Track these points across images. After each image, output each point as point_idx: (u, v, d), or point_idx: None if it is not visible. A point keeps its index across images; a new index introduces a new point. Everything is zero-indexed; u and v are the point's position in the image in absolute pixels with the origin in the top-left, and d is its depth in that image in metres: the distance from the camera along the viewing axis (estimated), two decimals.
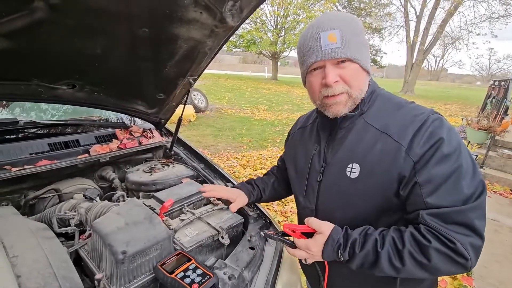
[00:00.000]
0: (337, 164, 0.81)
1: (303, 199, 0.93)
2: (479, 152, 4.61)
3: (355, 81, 0.75)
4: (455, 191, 0.65)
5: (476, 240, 0.64)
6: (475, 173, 0.67)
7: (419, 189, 0.67)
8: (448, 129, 0.69)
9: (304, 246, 0.79)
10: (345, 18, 0.74)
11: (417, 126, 0.70)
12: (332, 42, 0.70)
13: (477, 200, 0.64)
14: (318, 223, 0.80)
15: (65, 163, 1.27)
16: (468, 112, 11.50)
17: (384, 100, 0.80)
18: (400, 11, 21.88)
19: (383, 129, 0.74)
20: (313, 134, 0.93)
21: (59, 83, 1.19)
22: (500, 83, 5.98)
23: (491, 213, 3.36)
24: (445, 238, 0.64)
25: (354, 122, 0.80)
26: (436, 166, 0.66)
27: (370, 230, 0.74)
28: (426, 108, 0.75)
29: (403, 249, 0.67)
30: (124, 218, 0.98)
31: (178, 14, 1.04)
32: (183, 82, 1.45)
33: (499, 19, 14.77)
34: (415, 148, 0.68)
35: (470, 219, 0.63)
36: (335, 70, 0.73)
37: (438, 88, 28.74)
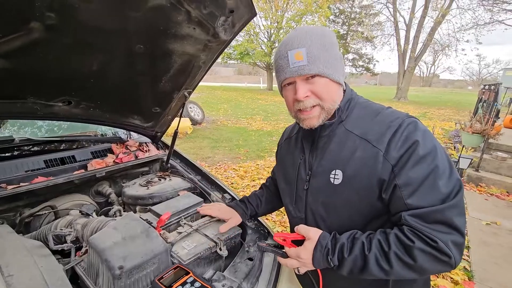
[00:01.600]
0: (321, 171, 0.83)
1: (292, 208, 0.95)
2: (474, 155, 4.65)
3: (326, 94, 0.78)
4: (433, 191, 0.67)
5: (457, 237, 0.66)
6: (451, 173, 0.69)
7: (399, 192, 0.70)
8: (423, 132, 0.72)
9: (294, 255, 0.81)
10: (314, 34, 0.76)
11: (392, 130, 0.73)
12: (299, 60, 0.74)
13: (454, 198, 0.67)
14: (306, 229, 0.81)
15: (61, 180, 1.27)
16: (461, 116, 11.66)
17: (362, 108, 0.83)
18: (390, 20, 22.49)
19: (363, 135, 0.77)
20: (298, 144, 0.96)
21: (55, 100, 1.20)
22: (490, 87, 6.11)
23: (490, 216, 3.37)
24: (427, 237, 0.65)
25: (335, 130, 0.83)
26: (413, 168, 0.69)
27: (358, 234, 0.75)
28: (401, 113, 0.78)
29: (389, 251, 0.68)
30: (121, 233, 0.97)
31: (172, 30, 1.08)
32: (178, 95, 1.47)
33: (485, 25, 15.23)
34: (392, 152, 0.71)
35: (449, 217, 0.65)
36: (305, 86, 0.77)
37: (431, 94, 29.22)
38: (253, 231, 1.27)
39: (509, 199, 3.91)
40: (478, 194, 4.07)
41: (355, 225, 0.79)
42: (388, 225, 0.75)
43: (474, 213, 3.44)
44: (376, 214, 0.77)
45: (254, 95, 18.39)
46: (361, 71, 31.52)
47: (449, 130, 7.94)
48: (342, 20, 27.87)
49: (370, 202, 0.76)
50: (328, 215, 0.84)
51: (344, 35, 27.63)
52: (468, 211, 3.49)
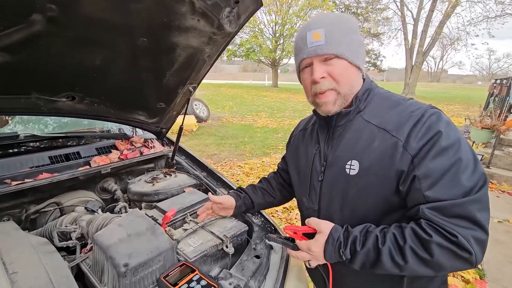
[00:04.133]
0: (336, 162, 0.81)
1: (306, 200, 0.93)
2: (484, 151, 4.55)
3: (343, 77, 0.76)
4: (455, 184, 0.64)
5: (480, 233, 0.62)
6: (476, 167, 0.65)
7: (418, 183, 0.66)
8: (446, 123, 0.69)
9: (305, 247, 0.78)
10: (334, 17, 0.77)
11: (414, 120, 0.70)
12: (317, 40, 0.74)
13: (478, 192, 0.63)
14: (318, 222, 0.79)
15: (66, 176, 1.26)
16: (471, 112, 11.42)
17: (382, 98, 0.81)
18: (397, 15, 22.08)
19: (381, 125, 0.74)
20: (314, 135, 0.93)
21: (59, 95, 1.19)
22: (502, 81, 5.95)
23: (502, 214, 3.28)
24: (447, 231, 0.62)
25: (352, 120, 0.81)
26: (434, 159, 0.66)
27: (371, 228, 0.72)
28: (423, 104, 0.75)
29: (404, 245, 0.65)
30: (126, 230, 0.96)
31: (176, 23, 1.05)
32: (183, 90, 1.45)
33: (495, 18, 14.83)
34: (412, 142, 0.68)
35: (471, 211, 0.62)
36: (322, 67, 0.76)
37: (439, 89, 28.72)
38: (259, 228, 1.24)
39: None
40: (489, 191, 3.96)
41: (370, 218, 0.76)
42: (403, 220, 0.72)
43: None
44: (392, 207, 0.74)
45: (259, 92, 18.33)
46: (368, 67, 31.09)
47: (459, 126, 7.78)
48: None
49: (386, 194, 0.73)
50: (342, 207, 0.81)
51: None
52: None
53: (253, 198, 1.12)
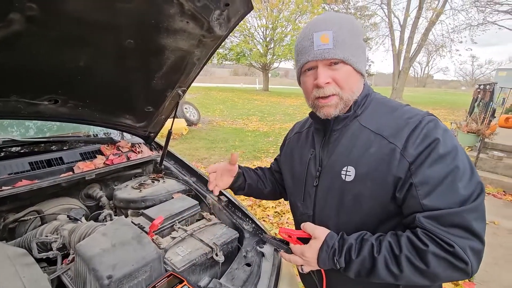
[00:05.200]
0: (332, 167, 0.80)
1: (301, 205, 0.91)
2: (470, 155, 4.67)
3: (347, 84, 0.74)
4: (452, 193, 0.63)
5: (476, 243, 0.61)
6: (472, 175, 0.65)
7: (415, 191, 0.65)
8: (444, 131, 0.68)
9: (299, 252, 0.77)
10: (341, 19, 0.74)
11: (412, 127, 0.69)
12: (325, 43, 0.71)
13: (474, 201, 0.62)
14: (313, 227, 0.78)
15: (47, 183, 1.20)
16: (456, 116, 11.76)
17: (379, 104, 0.80)
18: (384, 21, 22.64)
19: (378, 131, 0.73)
20: (309, 138, 0.92)
21: (40, 98, 1.14)
22: (485, 86, 6.15)
23: (488, 216, 3.34)
24: (443, 241, 0.61)
25: (348, 124, 0.79)
26: (431, 166, 0.65)
27: (367, 236, 0.71)
28: (420, 110, 0.75)
29: (400, 254, 0.64)
30: (111, 239, 0.92)
31: (164, 24, 1.02)
32: (172, 94, 1.41)
33: (478, 26, 15.42)
34: (410, 149, 0.67)
35: (468, 221, 0.61)
36: (327, 72, 0.73)
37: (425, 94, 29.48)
38: (250, 234, 1.21)
39: (506, 198, 3.92)
40: None
41: (366, 225, 0.75)
42: (400, 228, 0.71)
43: None
44: (388, 215, 0.73)
45: (250, 96, 18.35)
46: None
47: None
48: None
49: (383, 201, 0.71)
50: (337, 213, 0.79)
51: None
52: None
53: (247, 177, 1.10)
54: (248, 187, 1.09)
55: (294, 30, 19.29)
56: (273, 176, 1.14)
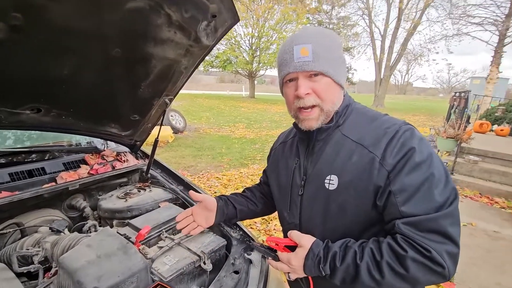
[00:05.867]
0: (316, 176, 0.82)
1: (287, 214, 0.92)
2: (448, 159, 4.87)
3: (327, 95, 0.77)
4: (428, 199, 0.66)
5: (452, 247, 0.64)
6: (447, 181, 0.68)
7: (394, 198, 0.68)
8: (420, 139, 0.72)
9: (286, 260, 0.79)
10: (321, 33, 0.77)
11: (389, 137, 0.72)
12: (304, 55, 0.73)
13: (449, 207, 0.66)
14: (299, 235, 0.79)
15: (28, 194, 1.16)
16: (435, 122, 12.26)
17: (359, 113, 0.83)
18: (366, 31, 23.50)
19: (359, 140, 0.76)
20: (294, 148, 0.94)
21: (22, 107, 1.11)
22: (460, 94, 6.47)
23: (465, 217, 3.50)
24: (421, 246, 0.64)
25: (331, 134, 0.82)
26: (408, 174, 0.68)
27: (351, 243, 0.74)
28: (398, 120, 0.78)
29: (381, 260, 0.67)
30: (96, 251, 0.90)
31: (152, 34, 1.03)
32: (158, 102, 1.41)
33: (453, 37, 16.28)
34: (388, 158, 0.70)
35: (444, 226, 0.64)
36: (307, 83, 0.76)
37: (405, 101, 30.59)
38: (238, 242, 1.22)
39: (482, 200, 4.10)
40: None
41: (350, 232, 0.77)
42: (383, 234, 0.74)
43: None
44: (371, 221, 0.76)
45: (237, 103, 18.40)
46: None
47: (425, 136, 8.28)
48: None
49: (365, 209, 0.74)
50: (322, 221, 0.81)
51: None
52: None
53: (235, 203, 1.09)
54: (240, 213, 1.09)
55: (279, 39, 19.64)
56: (263, 190, 1.15)
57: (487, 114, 9.55)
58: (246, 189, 1.19)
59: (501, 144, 5.83)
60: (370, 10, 21.53)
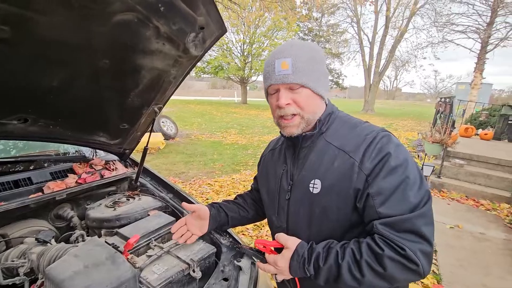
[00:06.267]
0: (302, 181, 0.85)
1: (275, 218, 0.96)
2: (435, 163, 4.98)
3: (307, 105, 0.82)
4: (403, 201, 0.70)
5: (425, 246, 0.68)
6: (421, 184, 0.73)
7: (372, 200, 0.72)
8: (395, 145, 0.76)
9: (272, 261, 0.81)
10: (302, 47, 0.81)
11: (367, 142, 0.77)
12: (284, 69, 0.78)
13: (423, 207, 0.70)
14: (286, 238, 0.82)
15: (14, 205, 1.15)
16: (422, 127, 12.54)
17: (342, 121, 0.88)
18: (355, 38, 24.02)
19: (341, 146, 0.80)
20: (282, 155, 0.97)
21: (9, 118, 1.10)
22: (445, 100, 6.66)
23: (453, 220, 3.59)
24: (396, 245, 0.68)
25: (316, 141, 0.86)
26: (385, 178, 0.72)
27: (333, 244, 0.77)
28: (376, 127, 0.83)
29: (361, 259, 0.70)
30: (83, 261, 0.89)
31: (140, 46, 1.05)
32: (147, 111, 1.42)
33: (438, 44, 16.80)
34: (366, 162, 0.75)
35: (418, 226, 0.68)
36: (288, 94, 0.81)
37: (394, 106, 31.22)
38: (228, 249, 1.23)
39: (468, 203, 4.21)
40: (441, 199, 4.34)
41: (334, 234, 0.81)
42: (364, 235, 0.77)
43: (438, 217, 3.64)
44: (353, 223, 0.79)
45: (229, 109, 18.43)
46: (331, 85, 33.07)
47: (413, 140, 8.47)
48: (311, 37, 29.30)
49: (347, 211, 0.78)
50: (308, 224, 0.85)
51: None
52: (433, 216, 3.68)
53: (227, 211, 1.11)
54: (231, 220, 1.12)
55: (271, 46, 19.87)
56: (254, 196, 1.18)
57: (471, 118, 9.85)
58: (237, 196, 1.22)
59: (485, 148, 6.02)
60: (358, 18, 22.06)
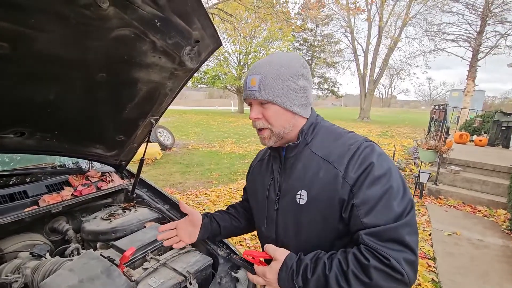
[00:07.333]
0: (289, 192, 0.86)
1: (265, 229, 0.95)
2: (431, 170, 5.02)
3: (275, 120, 0.84)
4: (387, 210, 0.71)
5: (409, 255, 0.68)
6: (405, 193, 0.74)
7: (357, 210, 0.73)
8: (378, 155, 0.77)
9: (261, 273, 0.81)
10: (274, 64, 0.81)
11: (351, 153, 0.78)
12: (253, 85, 0.82)
13: (406, 217, 0.70)
14: (274, 249, 0.82)
15: (9, 219, 1.14)
16: (418, 134, 12.65)
17: (327, 131, 0.89)
18: (349, 47, 24.45)
19: (325, 157, 0.81)
20: (269, 165, 0.98)
21: (5, 131, 1.11)
22: (439, 107, 6.76)
23: (450, 227, 3.59)
24: (381, 255, 0.68)
25: (301, 151, 0.87)
26: (369, 188, 0.73)
27: (321, 255, 0.77)
28: (360, 137, 0.84)
29: (347, 270, 0.70)
30: (78, 275, 0.89)
31: (137, 60, 1.07)
32: (144, 122, 1.43)
33: (430, 52, 17.15)
34: (350, 173, 0.75)
35: (402, 235, 0.68)
36: (259, 108, 0.84)
37: (390, 114, 31.56)
38: (225, 260, 1.22)
39: (465, 209, 4.22)
40: (438, 206, 4.35)
41: (322, 244, 0.81)
42: (352, 244, 0.77)
43: (436, 225, 3.65)
44: (340, 234, 0.79)
45: (225, 118, 18.50)
46: (327, 94, 33.41)
47: (409, 147, 8.53)
48: (306, 47, 29.80)
49: (333, 221, 0.78)
50: (296, 235, 0.85)
51: (309, 60, 29.44)
52: (431, 223, 3.69)
53: (219, 221, 1.10)
54: (223, 229, 1.10)
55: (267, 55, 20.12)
56: (246, 207, 1.17)
57: (466, 125, 9.97)
58: (229, 206, 1.21)
59: (480, 154, 6.08)
60: (352, 28, 22.52)
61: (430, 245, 3.15)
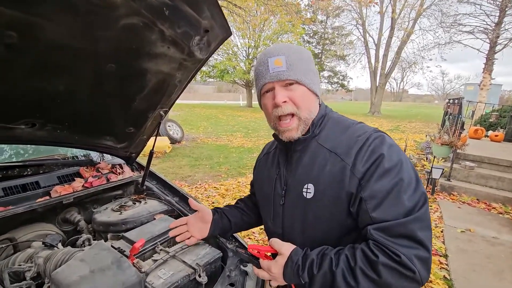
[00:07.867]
0: (295, 185, 0.83)
1: (271, 224, 0.94)
2: (444, 165, 4.89)
3: (303, 103, 0.80)
4: (397, 205, 0.67)
5: (422, 251, 0.65)
6: (417, 186, 0.69)
7: (365, 205, 0.70)
8: (389, 146, 0.73)
9: (266, 267, 0.79)
10: (292, 47, 0.81)
11: (360, 144, 0.74)
12: (278, 65, 0.77)
13: (418, 211, 0.66)
14: (280, 244, 0.80)
15: (22, 208, 1.16)
16: (430, 128, 12.36)
17: (335, 123, 0.85)
18: (360, 40, 23.91)
19: (333, 149, 0.78)
20: (275, 159, 0.96)
21: (17, 122, 1.12)
22: (454, 101, 6.55)
23: (464, 223, 3.50)
24: (391, 252, 0.64)
25: (308, 144, 0.84)
26: (378, 181, 0.69)
27: (328, 250, 0.74)
28: (369, 128, 0.80)
29: (355, 266, 0.67)
30: (89, 265, 0.89)
31: (145, 50, 1.05)
32: (153, 114, 1.43)
33: (445, 45, 16.59)
34: (358, 165, 0.72)
35: (413, 230, 0.65)
36: (284, 92, 0.79)
37: (401, 108, 30.91)
38: (234, 253, 1.21)
39: (479, 206, 4.11)
40: (451, 202, 4.24)
41: (328, 240, 0.78)
42: (361, 240, 0.74)
43: (449, 221, 3.56)
44: (347, 228, 0.77)
45: (234, 112, 18.49)
46: (337, 87, 32.90)
47: (421, 142, 8.34)
48: (316, 40, 29.31)
49: (341, 216, 0.75)
50: (302, 230, 0.83)
51: (319, 53, 28.99)
52: (444, 220, 3.61)
53: (230, 217, 1.09)
54: (234, 225, 1.10)
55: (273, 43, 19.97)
56: (255, 201, 1.15)
57: (481, 120, 9.66)
58: (239, 201, 1.20)
59: (496, 150, 5.88)
60: (363, 20, 21.97)
61: (442, 242, 3.08)
